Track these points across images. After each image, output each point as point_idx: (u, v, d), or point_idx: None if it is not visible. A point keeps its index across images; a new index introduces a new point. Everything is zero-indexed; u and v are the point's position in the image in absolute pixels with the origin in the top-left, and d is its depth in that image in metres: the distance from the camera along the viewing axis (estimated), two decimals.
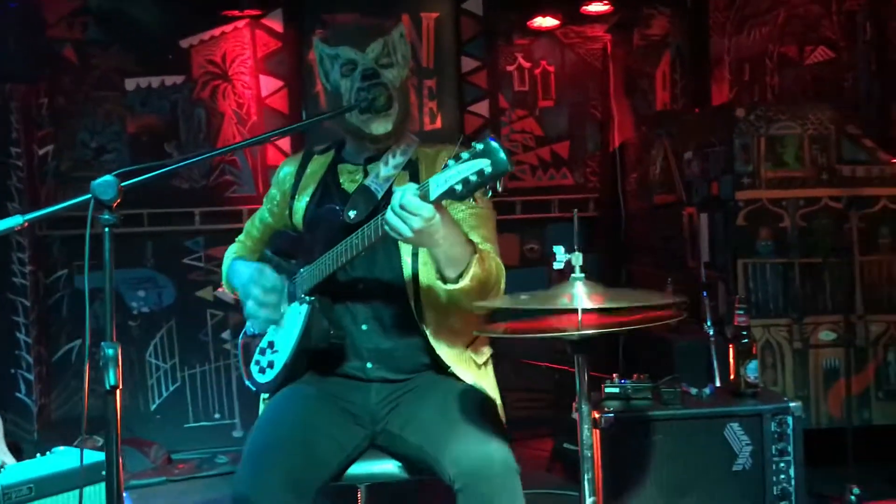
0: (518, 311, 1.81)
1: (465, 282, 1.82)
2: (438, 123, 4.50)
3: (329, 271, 1.99)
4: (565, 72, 4.77)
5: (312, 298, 2.05)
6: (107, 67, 4.41)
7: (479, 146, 1.61)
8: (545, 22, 4.64)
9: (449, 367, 2.06)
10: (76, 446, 3.31)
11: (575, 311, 1.63)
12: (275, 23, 4.53)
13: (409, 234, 1.70)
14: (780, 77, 4.66)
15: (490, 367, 2.21)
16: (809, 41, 4.63)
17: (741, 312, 2.36)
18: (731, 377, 2.40)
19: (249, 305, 2.16)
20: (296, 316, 2.09)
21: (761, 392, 2.39)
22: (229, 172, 4.53)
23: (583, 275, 1.73)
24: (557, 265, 1.75)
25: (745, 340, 2.37)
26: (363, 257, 1.95)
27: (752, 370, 2.34)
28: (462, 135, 4.58)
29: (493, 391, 2.14)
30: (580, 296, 1.64)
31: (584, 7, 4.58)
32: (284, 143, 4.51)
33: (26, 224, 1.75)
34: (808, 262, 3.36)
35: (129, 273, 4.44)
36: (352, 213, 2.02)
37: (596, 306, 1.62)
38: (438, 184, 1.64)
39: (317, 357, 2.11)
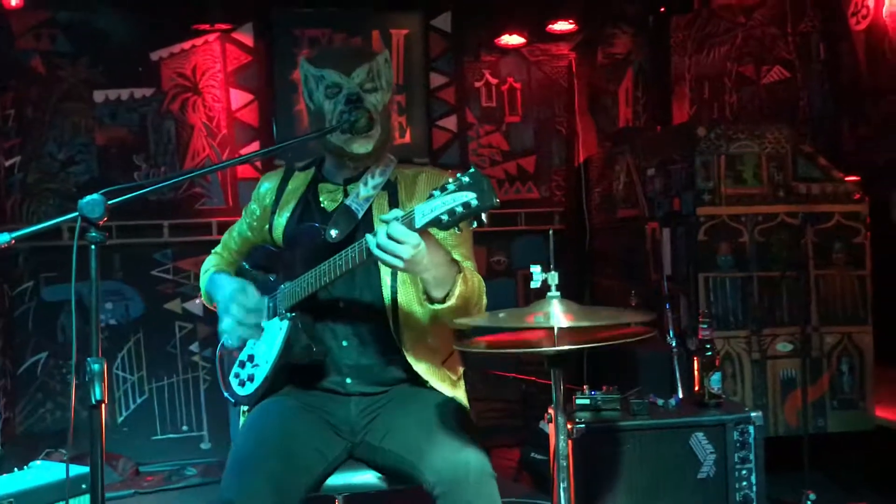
0: (493, 326, 1.88)
1: (451, 301, 1.88)
2: (407, 138, 4.58)
3: (311, 290, 2.04)
4: (531, 88, 4.88)
5: (294, 315, 2.10)
6: (75, 79, 4.41)
7: (466, 178, 1.64)
8: (512, 40, 4.74)
9: (427, 382, 2.12)
10: (44, 459, 3.31)
11: (551, 328, 1.69)
12: (245, 37, 4.57)
13: (400, 264, 1.75)
14: (738, 95, 4.81)
15: (463, 384, 2.28)
16: (766, 61, 4.79)
17: (705, 326, 2.46)
18: (696, 388, 2.50)
19: (227, 322, 2.18)
20: (276, 331, 2.13)
21: (724, 402, 2.49)
22: (199, 185, 4.54)
23: (558, 293, 1.80)
24: (535, 284, 1.81)
25: (709, 353, 2.47)
26: (344, 277, 2.00)
27: (715, 381, 2.44)
28: (433, 161, 4.64)
29: (465, 403, 2.21)
30: (556, 314, 1.71)
31: (550, 26, 4.69)
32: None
33: (13, 242, 1.76)
34: (766, 276, 3.49)
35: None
36: (334, 232, 2.07)
37: (571, 324, 1.69)
38: (424, 213, 1.68)
39: (297, 371, 2.16)
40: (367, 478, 2.11)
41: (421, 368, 2.12)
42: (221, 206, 4.54)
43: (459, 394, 2.21)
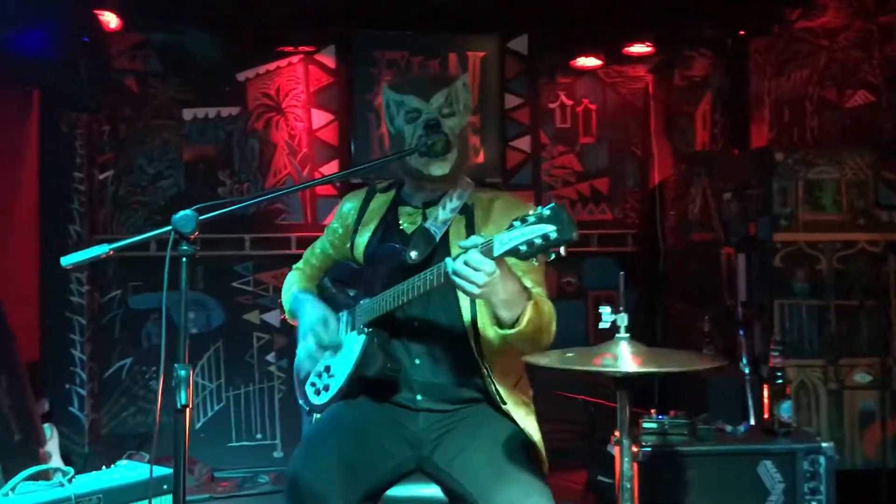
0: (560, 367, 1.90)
1: (520, 327, 1.93)
2: (481, 158, 4.64)
3: (389, 308, 2.12)
4: (606, 110, 4.89)
5: (371, 330, 2.17)
6: (166, 98, 4.62)
7: (546, 212, 1.70)
8: (588, 62, 4.77)
9: (504, 404, 2.15)
10: (130, 459, 3.46)
11: (618, 370, 1.71)
12: (327, 59, 4.71)
13: (475, 290, 1.81)
14: (819, 120, 4.71)
15: (533, 407, 2.30)
16: (850, 85, 4.68)
17: (776, 354, 2.44)
18: (766, 416, 2.48)
19: (302, 351, 2.28)
20: (353, 345, 2.21)
21: (794, 431, 2.46)
22: (279, 201, 4.69)
23: (627, 335, 1.82)
24: (603, 325, 1.84)
25: (780, 381, 2.45)
26: (420, 298, 2.06)
27: (785, 410, 2.41)
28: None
29: (535, 432, 2.23)
30: (624, 356, 1.74)
31: (627, 48, 4.69)
32: (331, 172, 4.68)
33: (111, 252, 1.89)
34: (844, 305, 3.41)
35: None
36: (413, 254, 2.14)
37: (638, 369, 1.71)
38: (503, 242, 1.74)
39: (370, 385, 2.23)
40: (433, 491, 2.14)
41: (500, 389, 2.16)
42: (300, 222, 4.68)
43: (531, 420, 2.23)
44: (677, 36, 4.76)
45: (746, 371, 3.37)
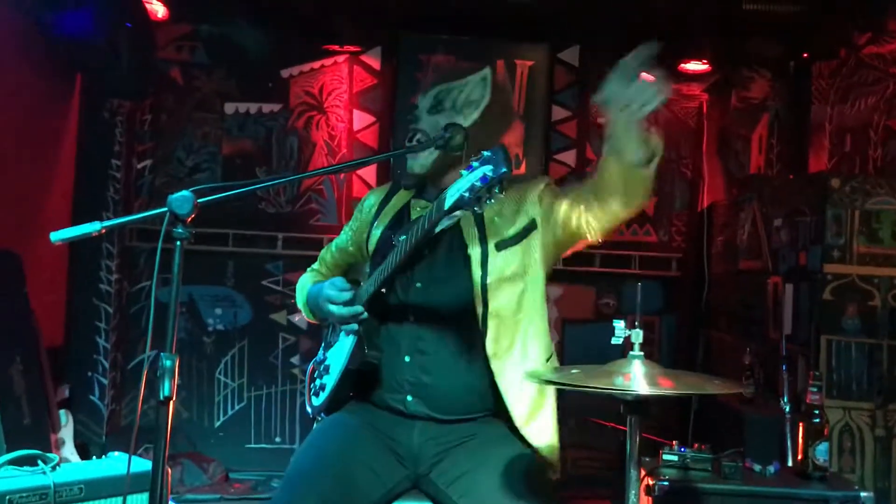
0: (565, 385, 1.77)
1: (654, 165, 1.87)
2: (523, 169, 4.50)
3: (377, 284, 2.01)
4: (657, 128, 4.68)
5: (363, 323, 2.05)
6: (209, 90, 4.59)
7: (487, 153, 1.70)
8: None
9: (510, 411, 2.00)
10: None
11: (627, 391, 1.57)
12: (373, 60, 4.63)
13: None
14: (884, 150, 4.47)
15: (555, 418, 2.13)
16: None
17: (814, 390, 2.24)
18: (799, 457, 2.28)
19: (331, 308, 2.10)
20: (347, 340, 2.09)
21: (830, 476, 2.25)
22: (315, 201, 4.62)
23: (642, 353, 1.67)
24: (616, 340, 1.71)
25: (817, 420, 2.25)
26: (418, 288, 1.94)
27: (821, 452, 2.21)
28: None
29: (549, 446, 2.06)
30: (637, 376, 1.60)
31: (682, 65, 4.51)
32: (371, 176, 4.59)
33: (103, 231, 1.79)
34: None
35: (208, 290, 4.56)
36: (402, 238, 2.01)
37: (649, 392, 1.56)
38: (451, 194, 1.75)
39: (360, 384, 2.10)
40: None
41: (508, 392, 2.00)
42: (334, 224, 4.59)
43: (549, 433, 2.07)
44: (736, 55, 4.56)
45: (787, 409, 3.17)
